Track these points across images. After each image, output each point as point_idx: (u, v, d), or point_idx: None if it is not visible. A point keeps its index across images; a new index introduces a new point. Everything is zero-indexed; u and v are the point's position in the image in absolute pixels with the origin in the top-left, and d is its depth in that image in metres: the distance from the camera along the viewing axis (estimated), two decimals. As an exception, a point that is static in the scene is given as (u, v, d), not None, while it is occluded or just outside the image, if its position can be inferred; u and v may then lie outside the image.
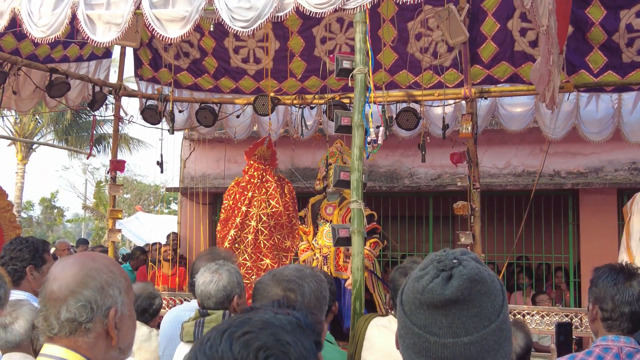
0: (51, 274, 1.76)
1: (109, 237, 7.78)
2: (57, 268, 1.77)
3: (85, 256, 1.82)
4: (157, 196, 37.29)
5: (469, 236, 6.81)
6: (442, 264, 1.32)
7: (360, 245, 3.45)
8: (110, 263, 1.81)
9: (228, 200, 7.08)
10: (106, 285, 1.72)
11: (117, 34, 4.47)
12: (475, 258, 1.35)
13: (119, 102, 7.87)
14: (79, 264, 1.75)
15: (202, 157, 9.89)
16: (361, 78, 3.61)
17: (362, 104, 3.57)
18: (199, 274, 3.05)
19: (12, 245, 3.68)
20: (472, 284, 1.29)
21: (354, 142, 3.60)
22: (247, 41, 7.83)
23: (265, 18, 4.12)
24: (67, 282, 1.70)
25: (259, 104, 7.54)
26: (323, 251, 7.01)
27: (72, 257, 1.83)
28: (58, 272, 1.75)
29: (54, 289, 1.71)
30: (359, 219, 3.50)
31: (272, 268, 6.43)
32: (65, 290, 1.69)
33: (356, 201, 3.52)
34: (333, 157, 7.21)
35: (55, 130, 25.01)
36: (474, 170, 6.93)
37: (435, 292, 1.30)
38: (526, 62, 6.98)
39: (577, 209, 8.98)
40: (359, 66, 3.62)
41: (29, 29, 4.59)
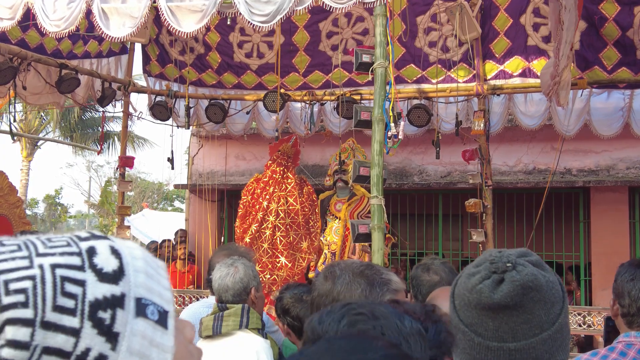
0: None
1: (118, 233, 7.75)
2: None
3: None
4: (160, 193, 37.34)
5: (481, 234, 6.77)
6: (494, 265, 1.27)
7: (381, 241, 3.41)
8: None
9: (247, 196, 7.04)
10: None
11: (131, 29, 4.42)
12: (536, 262, 1.29)
13: (128, 98, 7.84)
14: None
15: (210, 154, 9.84)
16: (381, 72, 3.56)
17: (382, 98, 3.52)
18: (215, 270, 3.02)
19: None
20: (525, 291, 1.23)
21: (374, 136, 3.55)
22: (252, 36, 7.80)
23: (285, 12, 4.07)
24: None
25: (269, 100, 7.49)
26: (331, 247, 6.97)
27: None
28: None
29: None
30: (379, 215, 3.45)
31: (286, 266, 6.40)
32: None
33: (376, 197, 3.48)
34: (345, 153, 7.17)
35: (61, 127, 25.01)
36: (486, 168, 6.88)
37: (484, 294, 1.24)
38: (539, 57, 6.93)
39: (588, 207, 8.91)
40: (379, 60, 3.57)
41: (42, 23, 4.55)
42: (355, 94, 7.34)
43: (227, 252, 3.44)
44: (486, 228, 6.80)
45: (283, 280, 6.50)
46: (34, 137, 24.05)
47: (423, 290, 2.88)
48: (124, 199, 7.90)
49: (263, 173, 7.15)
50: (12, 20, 4.79)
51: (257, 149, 9.78)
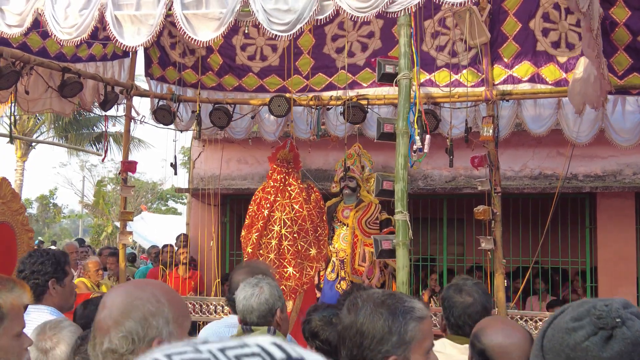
0: (102, 302, 1.74)
1: (120, 239, 7.63)
2: (108, 296, 1.76)
3: (136, 284, 1.80)
4: (155, 193, 37.19)
5: (490, 241, 6.69)
6: (602, 321, 1.17)
7: (405, 258, 3.31)
8: (161, 291, 1.72)
9: (253, 206, 6.92)
10: (149, 316, 1.66)
11: (147, 37, 4.30)
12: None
13: (130, 102, 7.72)
14: (126, 293, 1.72)
15: (212, 157, 9.73)
16: (406, 84, 3.47)
17: (407, 110, 3.43)
18: (239, 289, 2.92)
19: (33, 259, 3.48)
20: (635, 347, 1.14)
21: (398, 150, 3.46)
22: (255, 39, 7.71)
23: (305, 21, 3.96)
24: (112, 312, 1.68)
25: (274, 104, 7.40)
26: (339, 255, 6.89)
27: (124, 285, 1.81)
28: (107, 301, 1.72)
29: (100, 318, 1.70)
30: (404, 231, 3.35)
31: (294, 276, 6.29)
32: (109, 320, 1.67)
33: (401, 212, 3.38)
34: (351, 159, 7.09)
35: (55, 127, 24.81)
36: (495, 174, 6.80)
37: (591, 353, 1.15)
38: (548, 63, 6.85)
39: (594, 213, 8.86)
40: (403, 71, 3.47)
41: (53, 30, 4.41)
42: (362, 98, 7.25)
43: (248, 269, 3.33)
44: (495, 235, 6.72)
45: (291, 290, 6.41)
46: (33, 140, 23.85)
47: (455, 313, 2.80)
48: (126, 204, 7.77)
49: (267, 182, 7.05)
50: (21, 28, 4.66)
51: (260, 152, 9.67)
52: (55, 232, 45.25)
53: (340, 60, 7.52)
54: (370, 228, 6.86)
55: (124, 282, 7.70)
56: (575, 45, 6.66)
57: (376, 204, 6.98)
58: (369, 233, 6.84)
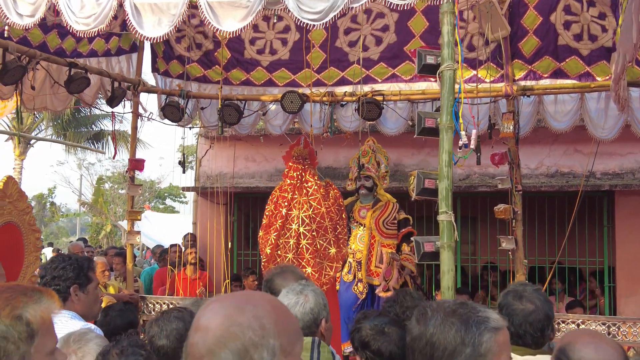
0: (196, 321, 1.45)
1: (128, 239, 7.44)
2: (203, 315, 1.45)
3: (236, 303, 1.43)
4: (152, 192, 36.94)
5: (511, 241, 6.50)
6: None
7: (451, 261, 3.10)
8: (266, 313, 1.41)
9: (270, 205, 6.69)
10: (251, 347, 1.36)
11: (168, 28, 4.06)
12: None
13: (137, 98, 7.50)
14: (224, 316, 1.41)
15: (219, 155, 9.51)
16: (450, 75, 3.26)
17: (451, 104, 3.22)
18: (282, 296, 2.70)
19: (54, 264, 3.25)
20: None
21: (442, 146, 3.25)
22: (265, 32, 7.50)
23: (339, 9, 3.74)
24: (205, 338, 1.39)
25: (287, 101, 7.19)
26: (356, 256, 6.68)
27: (222, 302, 1.46)
28: (202, 322, 1.43)
29: (193, 342, 1.41)
30: (449, 232, 3.15)
31: (313, 276, 6.06)
32: (202, 348, 1.39)
33: (445, 212, 3.17)
34: (366, 156, 6.88)
35: (54, 125, 24.59)
36: (516, 172, 6.61)
37: None
38: (570, 57, 6.65)
39: (612, 211, 8.67)
40: (446, 62, 3.26)
41: (69, 21, 4.19)
42: (377, 94, 7.05)
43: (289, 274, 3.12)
44: (516, 235, 6.53)
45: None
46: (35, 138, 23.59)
47: (516, 321, 2.61)
48: (133, 203, 7.55)
49: (283, 181, 6.82)
50: (33, 18, 4.43)
51: (268, 150, 9.47)
52: (52, 231, 44.99)
53: (353, 54, 7.32)
54: (388, 228, 6.65)
55: (131, 283, 7.49)
56: (598, 37, 6.47)
57: (394, 203, 6.77)
58: (386, 234, 6.64)
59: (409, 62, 7.21)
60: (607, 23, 6.35)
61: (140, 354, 2.41)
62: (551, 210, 8.77)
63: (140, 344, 2.51)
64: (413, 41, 7.10)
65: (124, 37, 7.33)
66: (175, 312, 3.08)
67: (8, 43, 5.89)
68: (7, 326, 1.70)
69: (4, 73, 5.86)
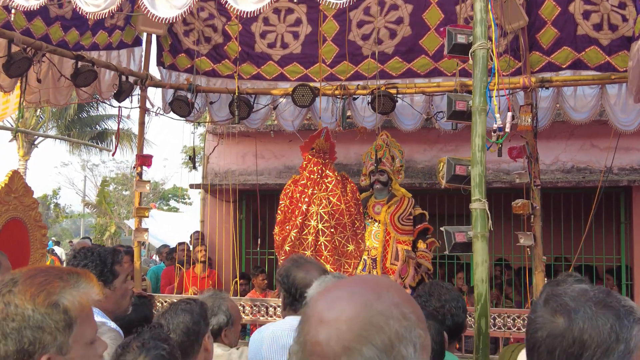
0: (316, 312, 1.17)
1: (135, 236, 7.27)
2: (324, 303, 1.18)
3: (366, 287, 1.18)
4: (156, 193, 36.85)
5: (530, 237, 6.32)
6: None
7: (485, 252, 2.93)
8: (404, 300, 1.18)
9: (284, 200, 6.51)
10: (397, 341, 1.11)
11: (184, 8, 3.86)
12: None
13: (145, 93, 7.35)
14: (359, 301, 1.14)
15: (227, 152, 9.35)
16: (483, 54, 3.08)
17: (485, 85, 3.04)
18: (314, 289, 2.52)
19: (76, 260, 3.01)
20: None
21: (474, 129, 3.07)
22: (276, 26, 7.34)
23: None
24: (339, 332, 1.11)
25: (298, 94, 7.02)
26: (372, 253, 6.49)
27: (346, 286, 1.21)
28: (329, 312, 1.15)
29: (319, 339, 1.13)
30: (483, 222, 2.97)
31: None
32: (336, 345, 1.10)
33: (479, 200, 3.00)
34: (380, 150, 6.70)
35: (57, 125, 24.49)
36: (534, 166, 6.43)
37: None
38: (590, 47, 6.47)
39: (629, 207, 8.48)
40: (479, 40, 3.09)
41: (78, 2, 4.02)
42: (391, 87, 6.87)
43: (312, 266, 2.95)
44: (534, 231, 6.36)
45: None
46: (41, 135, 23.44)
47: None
48: (141, 199, 7.39)
49: (300, 175, 6.63)
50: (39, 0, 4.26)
51: (277, 146, 9.30)
52: (55, 233, 44.92)
53: (366, 48, 7.15)
54: (404, 224, 6.47)
55: (139, 281, 7.31)
56: (618, 27, 6.30)
57: (409, 198, 6.59)
58: (402, 230, 6.46)
59: (424, 57, 7.05)
60: (628, 12, 6.18)
61: (162, 348, 2.24)
62: (567, 207, 8.58)
63: (164, 337, 2.34)
64: (428, 34, 6.93)
65: (127, 31, 7.18)
66: (182, 304, 2.94)
67: (13, 34, 5.74)
68: (42, 315, 1.50)
69: (10, 65, 5.71)
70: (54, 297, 1.53)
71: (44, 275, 1.56)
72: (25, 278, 1.54)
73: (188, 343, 2.77)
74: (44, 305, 1.51)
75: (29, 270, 1.60)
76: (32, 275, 1.56)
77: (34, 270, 1.60)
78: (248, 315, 6.40)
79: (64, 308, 1.53)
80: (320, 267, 3.04)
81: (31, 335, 1.49)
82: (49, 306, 1.51)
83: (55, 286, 1.54)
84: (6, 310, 1.49)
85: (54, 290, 1.54)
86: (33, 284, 1.53)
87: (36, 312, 1.50)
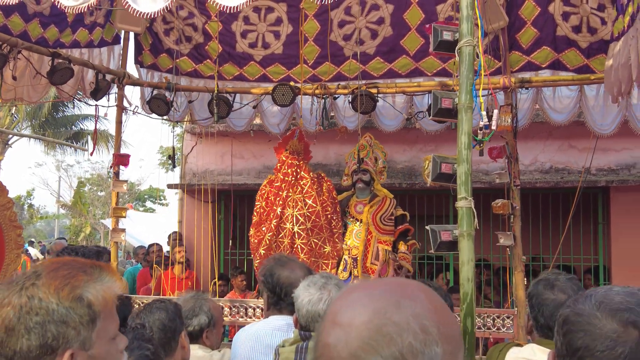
0: (332, 314, 1.10)
1: (112, 237, 7.16)
2: (341, 303, 1.11)
3: (389, 292, 1.09)
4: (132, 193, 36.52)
5: (510, 237, 6.33)
6: None
7: (471, 251, 2.90)
8: (430, 311, 1.07)
9: (260, 202, 6.45)
10: (410, 355, 1.02)
11: (165, 3, 3.79)
12: None
13: (122, 91, 7.25)
14: (376, 308, 1.06)
15: (205, 152, 9.27)
16: (469, 51, 3.06)
17: (471, 81, 3.02)
18: (302, 290, 2.47)
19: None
20: None
21: (460, 127, 3.04)
22: (257, 25, 7.28)
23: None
24: (348, 338, 1.04)
25: (278, 93, 6.96)
26: (352, 252, 6.46)
27: (371, 290, 1.11)
28: (343, 315, 1.08)
29: (329, 342, 1.06)
30: (469, 220, 2.95)
31: (308, 276, 5.85)
32: (343, 351, 1.04)
33: (465, 198, 2.97)
34: (363, 150, 6.69)
35: (32, 125, 24.19)
36: (514, 167, 6.45)
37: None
38: (569, 48, 6.50)
39: (607, 208, 8.55)
40: (465, 37, 3.06)
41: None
42: (372, 86, 6.85)
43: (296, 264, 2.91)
44: (514, 231, 6.36)
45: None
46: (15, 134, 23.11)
47: (546, 312, 2.41)
48: (118, 200, 7.29)
49: (275, 176, 6.58)
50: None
51: (256, 147, 9.24)
52: (30, 234, 44.29)
53: (348, 49, 7.12)
54: (385, 224, 6.46)
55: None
56: (597, 30, 6.34)
57: (391, 199, 6.59)
58: (383, 230, 6.44)
59: (405, 57, 7.04)
60: (607, 15, 6.22)
61: (147, 348, 2.18)
62: (545, 207, 8.63)
63: (147, 337, 2.28)
64: (409, 34, 6.93)
65: (108, 28, 7.09)
66: (157, 303, 2.93)
67: (-12, 30, 5.63)
68: (66, 309, 1.46)
69: (-16, 62, 5.61)
70: (78, 290, 1.49)
71: (68, 268, 1.53)
72: (48, 271, 1.51)
73: (165, 340, 2.74)
74: (69, 299, 1.47)
75: (52, 262, 1.57)
76: (56, 268, 1.52)
77: (57, 263, 1.56)
78: (227, 316, 6.34)
79: (88, 302, 1.50)
80: (304, 266, 3.01)
81: (55, 330, 1.45)
82: (73, 300, 1.48)
83: (80, 279, 1.51)
84: (30, 304, 1.45)
85: (78, 284, 1.50)
86: (57, 277, 1.49)
87: (60, 306, 1.46)
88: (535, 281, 2.56)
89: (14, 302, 1.45)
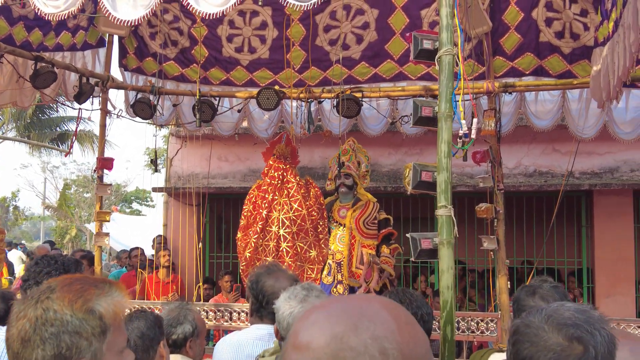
0: (294, 335, 1.08)
1: (96, 241, 7.12)
2: (302, 324, 1.08)
3: (349, 314, 1.05)
4: (118, 195, 36.36)
5: (493, 241, 6.35)
6: None
7: (450, 259, 2.92)
8: (392, 332, 1.02)
9: (248, 205, 6.45)
10: None
11: (145, 10, 3.78)
12: None
13: (106, 95, 7.21)
14: (333, 332, 1.02)
15: (190, 155, 9.25)
16: (449, 60, 3.07)
17: (451, 91, 3.03)
18: (283, 301, 2.47)
19: (39, 267, 2.91)
20: None
21: (440, 136, 3.06)
22: (242, 29, 7.26)
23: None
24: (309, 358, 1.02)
25: (263, 97, 6.96)
26: (336, 257, 6.47)
27: (331, 311, 1.08)
28: (302, 336, 1.06)
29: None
30: (449, 228, 2.95)
31: (294, 280, 5.84)
32: None
33: (444, 206, 2.98)
34: (346, 154, 6.69)
35: (17, 127, 24.02)
36: (498, 170, 6.48)
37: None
38: (552, 54, 6.55)
39: (590, 211, 8.61)
40: (445, 46, 3.08)
41: (37, 3, 3.91)
42: (357, 90, 6.87)
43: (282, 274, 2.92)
44: (498, 234, 6.39)
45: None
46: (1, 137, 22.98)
47: (525, 318, 2.42)
48: (102, 203, 7.25)
49: (263, 180, 6.58)
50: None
51: (242, 150, 9.24)
52: (15, 236, 44.04)
53: (334, 53, 7.13)
54: (369, 228, 6.46)
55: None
56: (580, 36, 6.39)
57: (374, 203, 6.59)
58: (367, 234, 6.45)
59: (390, 61, 7.06)
60: (589, 20, 6.27)
61: None
62: (529, 211, 8.68)
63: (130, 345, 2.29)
64: (394, 39, 6.95)
65: (91, 32, 7.06)
66: (136, 312, 2.96)
67: (-30, 34, 5.59)
68: (80, 320, 1.53)
69: (-34, 66, 5.57)
70: (90, 303, 1.57)
71: (80, 283, 1.62)
72: (62, 285, 1.60)
73: (143, 348, 2.75)
74: (82, 311, 1.55)
75: (65, 278, 1.66)
76: (69, 282, 1.61)
77: (70, 278, 1.65)
78: (212, 320, 6.33)
79: (100, 314, 1.57)
80: (291, 277, 3.01)
81: (69, 340, 1.52)
82: (86, 312, 1.55)
83: (92, 293, 1.59)
84: (45, 316, 1.53)
85: (90, 297, 1.58)
86: (70, 290, 1.58)
87: (74, 317, 1.54)
88: (521, 287, 2.59)
89: (30, 315, 1.54)
